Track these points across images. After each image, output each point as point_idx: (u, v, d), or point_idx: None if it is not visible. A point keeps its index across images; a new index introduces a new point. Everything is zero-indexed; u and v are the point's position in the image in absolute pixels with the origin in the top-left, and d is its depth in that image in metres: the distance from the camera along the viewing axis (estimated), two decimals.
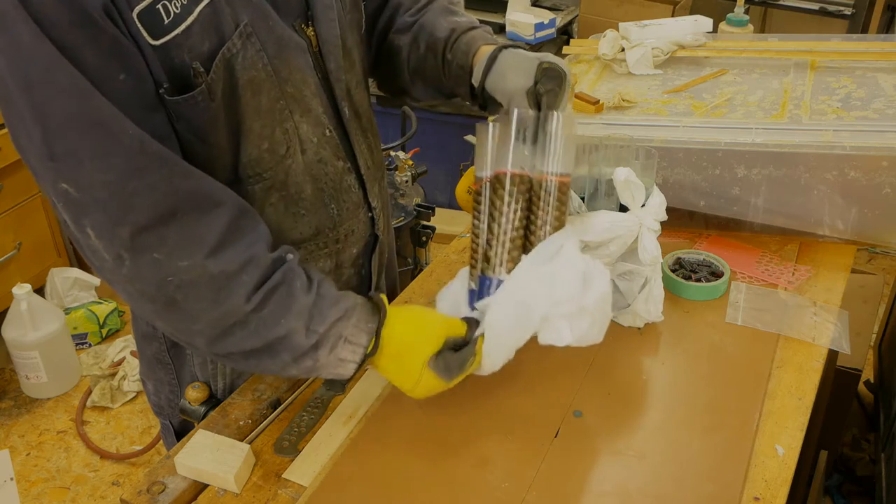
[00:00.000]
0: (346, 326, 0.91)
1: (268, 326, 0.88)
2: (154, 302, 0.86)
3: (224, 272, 0.85)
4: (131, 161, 0.80)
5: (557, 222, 0.99)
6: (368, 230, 1.16)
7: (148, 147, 0.81)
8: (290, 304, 0.88)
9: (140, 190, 0.81)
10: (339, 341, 0.91)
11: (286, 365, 0.91)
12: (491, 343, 0.95)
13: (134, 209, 0.81)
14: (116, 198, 0.80)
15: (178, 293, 0.85)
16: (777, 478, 0.93)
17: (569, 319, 0.95)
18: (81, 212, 0.81)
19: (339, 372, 0.93)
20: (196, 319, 0.87)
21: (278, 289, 0.88)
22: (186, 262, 0.84)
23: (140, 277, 0.84)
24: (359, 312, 0.92)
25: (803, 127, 1.23)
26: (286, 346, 0.89)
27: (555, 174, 0.98)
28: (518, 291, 0.96)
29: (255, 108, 0.93)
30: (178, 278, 0.84)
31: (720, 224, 1.35)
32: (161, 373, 1.15)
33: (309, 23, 0.98)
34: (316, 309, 0.90)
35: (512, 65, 1.06)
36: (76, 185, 0.80)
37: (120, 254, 0.83)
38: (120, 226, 0.81)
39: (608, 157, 1.14)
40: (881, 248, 2.22)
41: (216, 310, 0.86)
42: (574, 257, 0.97)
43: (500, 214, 0.98)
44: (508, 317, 0.95)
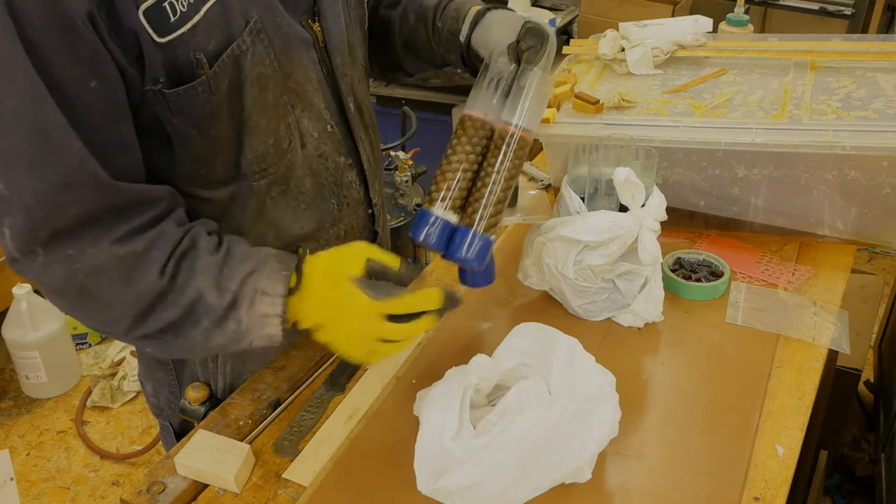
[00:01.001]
0: (259, 279, 0.88)
1: (179, 293, 0.87)
2: (65, 294, 0.86)
3: (132, 252, 0.85)
4: (66, 176, 0.80)
5: (510, 174, 0.99)
6: (368, 226, 1.16)
7: (87, 165, 0.81)
8: (195, 266, 0.87)
9: (69, 202, 0.81)
10: (256, 295, 0.88)
11: (209, 332, 0.89)
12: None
13: (58, 217, 0.82)
14: (43, 206, 0.81)
15: (89, 281, 0.84)
16: (777, 478, 0.93)
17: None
18: (4, 210, 0.81)
19: (266, 333, 0.89)
20: (111, 305, 0.86)
21: (187, 254, 0.88)
22: (93, 248, 0.83)
23: (49, 272, 0.84)
24: (271, 263, 0.90)
25: (803, 127, 1.23)
26: (203, 310, 0.88)
27: (518, 127, 0.99)
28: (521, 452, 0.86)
29: (262, 104, 0.93)
30: (85, 265, 0.83)
31: (720, 224, 1.35)
32: (160, 373, 1.15)
33: (315, 18, 0.99)
34: (226, 266, 0.88)
35: (497, 21, 1.07)
36: (6, 184, 0.80)
37: (34, 250, 0.83)
38: (39, 230, 0.82)
39: (608, 157, 1.14)
40: (881, 248, 2.22)
41: (130, 291, 0.85)
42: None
43: (454, 154, 0.99)
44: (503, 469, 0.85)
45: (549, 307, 1.20)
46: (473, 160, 1.00)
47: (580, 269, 1.11)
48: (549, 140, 1.32)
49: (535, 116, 1.00)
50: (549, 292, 1.20)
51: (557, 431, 0.85)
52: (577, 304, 1.15)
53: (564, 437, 0.86)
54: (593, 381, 0.89)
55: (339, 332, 0.91)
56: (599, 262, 1.09)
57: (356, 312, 0.89)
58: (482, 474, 0.83)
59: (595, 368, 0.91)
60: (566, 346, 0.92)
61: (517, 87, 1.00)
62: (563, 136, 1.30)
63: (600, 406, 0.89)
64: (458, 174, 0.99)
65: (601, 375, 0.91)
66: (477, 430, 0.88)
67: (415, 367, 1.09)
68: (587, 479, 0.89)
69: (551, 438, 0.85)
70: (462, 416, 0.87)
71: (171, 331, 0.89)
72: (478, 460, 0.83)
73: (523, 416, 0.85)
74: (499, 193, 0.99)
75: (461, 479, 0.84)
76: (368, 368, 1.10)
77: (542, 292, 1.21)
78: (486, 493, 0.84)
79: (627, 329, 1.15)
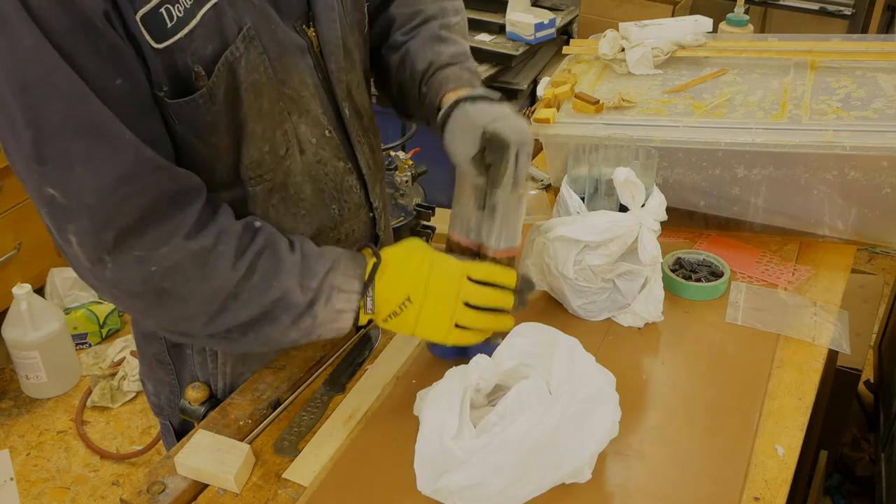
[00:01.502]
0: (336, 276, 0.92)
1: (261, 291, 0.88)
2: (143, 297, 0.86)
3: (203, 247, 0.86)
4: (124, 167, 0.80)
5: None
6: (370, 230, 1.16)
7: (142, 153, 0.82)
8: (278, 266, 0.89)
9: (130, 195, 0.81)
10: (332, 292, 0.92)
11: (286, 329, 0.91)
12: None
13: (121, 213, 0.82)
14: (106, 203, 0.81)
15: (165, 281, 0.85)
16: (777, 478, 0.93)
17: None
18: (66, 218, 0.81)
19: (337, 326, 0.93)
20: (188, 302, 0.87)
21: (263, 253, 0.89)
22: (166, 247, 0.84)
23: (124, 277, 0.84)
24: (345, 261, 0.94)
25: (803, 127, 1.23)
26: (284, 308, 0.90)
27: (499, 249, 0.99)
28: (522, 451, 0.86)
29: (257, 110, 0.93)
30: (161, 266, 0.84)
31: (720, 224, 1.35)
32: (161, 373, 1.15)
33: (310, 23, 0.98)
34: (305, 266, 0.91)
35: (459, 128, 0.99)
36: (64, 190, 0.80)
37: (102, 258, 0.83)
38: (105, 231, 0.82)
39: (608, 157, 1.14)
40: (881, 248, 2.22)
41: (206, 286, 0.86)
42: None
43: None
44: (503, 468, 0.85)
45: (549, 307, 1.20)
46: None
47: (580, 269, 1.11)
48: (549, 140, 1.32)
49: (514, 231, 0.99)
50: (549, 292, 1.20)
51: (558, 431, 0.85)
52: (577, 304, 1.15)
53: (565, 437, 0.86)
54: (593, 381, 0.89)
55: (428, 296, 0.93)
56: (599, 262, 1.09)
57: (444, 270, 0.93)
58: (482, 474, 0.83)
59: (595, 368, 0.91)
60: (566, 346, 0.92)
61: (489, 205, 0.98)
62: (563, 136, 1.30)
63: (600, 406, 0.89)
64: None
65: (601, 375, 0.91)
66: (477, 430, 0.88)
67: (415, 367, 1.09)
68: (587, 480, 0.89)
69: (552, 438, 0.85)
70: (462, 415, 0.87)
71: (247, 328, 0.91)
72: (478, 460, 0.83)
73: (523, 416, 0.85)
74: None
75: (461, 478, 0.84)
76: (368, 368, 1.10)
77: (542, 292, 1.21)
78: (487, 493, 0.84)
79: (627, 329, 1.15)
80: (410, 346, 1.13)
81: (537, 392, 0.89)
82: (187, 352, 1.12)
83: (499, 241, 0.99)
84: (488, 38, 3.11)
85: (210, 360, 1.11)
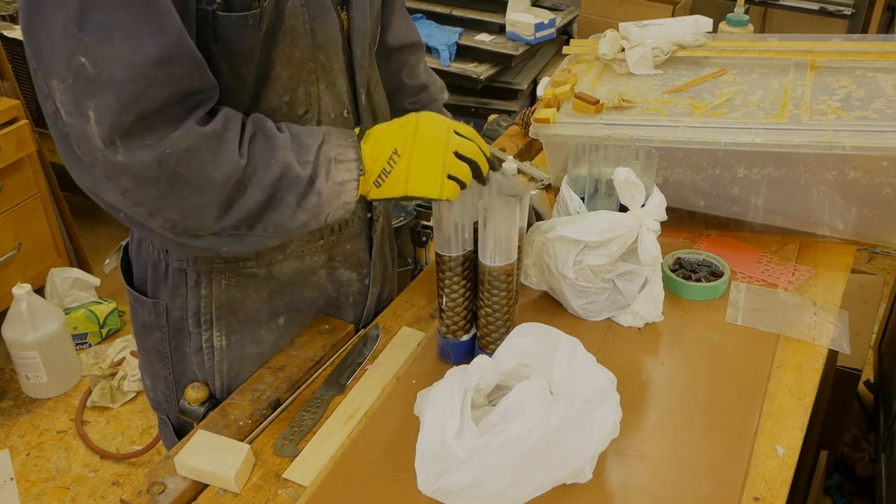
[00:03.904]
0: (330, 148, 0.93)
1: (262, 172, 0.89)
2: (157, 183, 0.85)
3: (215, 131, 0.86)
4: (164, 50, 0.80)
5: (506, 303, 1.02)
6: (365, 230, 1.16)
7: (184, 41, 0.81)
8: (271, 144, 0.90)
9: (161, 80, 0.81)
10: (330, 164, 0.93)
11: (293, 211, 0.92)
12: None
13: (147, 97, 0.80)
14: (136, 82, 0.79)
15: (180, 165, 0.84)
16: (777, 478, 0.93)
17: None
18: (91, 91, 0.79)
19: (343, 202, 0.94)
20: (202, 189, 0.87)
21: (256, 137, 0.90)
22: (179, 131, 0.83)
23: (137, 161, 0.83)
24: (336, 132, 0.95)
25: (803, 127, 1.23)
26: (287, 186, 0.90)
27: (494, 265, 1.00)
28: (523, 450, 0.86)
29: (288, 56, 0.95)
30: (176, 148, 0.83)
31: (720, 224, 1.35)
32: (159, 367, 1.16)
33: (344, 7, 1.02)
34: (296, 142, 0.92)
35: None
36: (96, 60, 0.78)
37: (114, 140, 0.81)
38: (127, 111, 0.80)
39: (608, 157, 1.14)
40: (881, 248, 2.22)
41: (218, 172, 0.86)
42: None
43: (449, 290, 1.04)
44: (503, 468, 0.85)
45: (549, 307, 1.20)
46: (466, 289, 1.05)
47: (580, 269, 1.11)
48: (549, 140, 1.32)
49: (507, 249, 1.00)
50: (549, 292, 1.20)
51: (559, 431, 0.85)
52: (577, 304, 1.15)
53: (566, 437, 0.86)
54: (594, 382, 0.89)
55: (416, 145, 0.94)
56: (599, 262, 1.09)
57: (431, 121, 0.95)
58: (483, 474, 0.83)
59: (596, 368, 0.91)
60: (567, 346, 0.92)
61: (482, 231, 0.99)
62: (563, 136, 1.30)
63: (601, 406, 0.89)
64: (458, 306, 1.05)
65: (602, 375, 0.91)
66: (478, 430, 0.88)
67: (415, 367, 1.10)
68: (588, 480, 0.89)
69: (553, 438, 0.85)
70: (463, 415, 0.87)
71: (254, 220, 0.91)
72: (479, 460, 0.83)
73: (524, 416, 0.85)
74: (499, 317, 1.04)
75: (462, 478, 0.84)
76: (368, 368, 1.10)
77: (542, 292, 1.21)
78: (487, 493, 0.84)
79: (627, 329, 1.15)
80: (410, 346, 1.13)
81: (538, 392, 0.89)
82: (185, 348, 1.12)
83: (493, 260, 1.00)
84: (488, 38, 3.11)
85: (207, 358, 1.11)
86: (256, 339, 1.12)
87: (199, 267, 1.06)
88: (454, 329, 1.07)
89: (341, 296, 1.18)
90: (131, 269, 1.15)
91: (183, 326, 1.10)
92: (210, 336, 1.10)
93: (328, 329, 1.15)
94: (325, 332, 1.15)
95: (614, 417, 0.90)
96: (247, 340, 1.12)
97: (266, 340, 1.13)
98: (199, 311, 1.08)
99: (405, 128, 0.95)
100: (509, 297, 1.02)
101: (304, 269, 1.11)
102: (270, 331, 1.13)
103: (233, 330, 1.11)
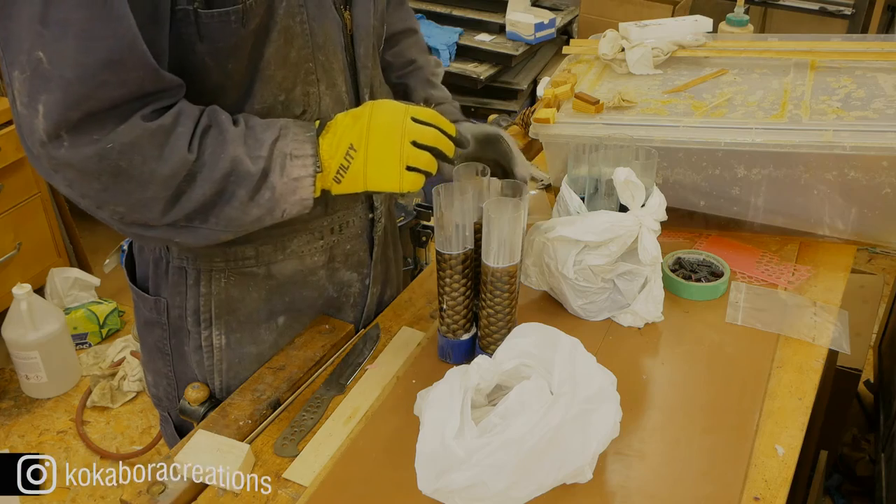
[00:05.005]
0: (286, 143, 0.91)
1: (212, 167, 0.88)
2: (100, 176, 0.85)
3: (161, 126, 0.85)
4: (113, 52, 0.80)
5: (509, 304, 1.02)
6: (367, 230, 1.16)
7: (136, 46, 0.81)
8: (223, 138, 0.89)
9: (110, 83, 0.81)
10: (286, 160, 0.91)
11: (245, 205, 0.90)
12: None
13: (93, 98, 0.81)
14: (83, 82, 0.80)
15: (122, 159, 0.84)
16: (777, 478, 0.93)
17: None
18: (43, 86, 0.80)
19: (299, 198, 0.92)
20: (147, 184, 0.86)
21: (209, 130, 0.89)
22: (123, 125, 0.83)
23: (79, 155, 0.83)
24: (293, 128, 0.92)
25: (803, 127, 1.23)
26: (237, 181, 0.89)
27: (497, 266, 0.99)
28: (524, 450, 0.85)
29: (282, 57, 0.95)
30: (118, 143, 0.83)
31: (720, 224, 1.35)
32: (160, 363, 1.16)
33: (347, 7, 1.02)
34: (250, 136, 0.90)
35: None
36: (51, 56, 0.79)
37: (60, 134, 0.82)
38: (73, 110, 0.81)
39: (608, 157, 1.14)
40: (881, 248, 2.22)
41: (163, 167, 0.86)
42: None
43: (450, 289, 1.04)
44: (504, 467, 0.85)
45: (549, 307, 1.20)
46: (466, 288, 1.05)
47: (580, 269, 1.11)
48: (549, 140, 1.32)
49: (509, 251, 0.99)
50: (549, 292, 1.20)
51: (559, 431, 0.85)
52: (577, 304, 1.15)
53: (566, 437, 0.86)
54: (595, 382, 0.89)
55: (371, 136, 0.91)
56: (599, 262, 1.09)
57: (386, 109, 0.92)
58: (483, 474, 0.83)
59: (596, 368, 0.91)
60: (567, 346, 0.92)
61: (485, 227, 0.99)
62: (563, 136, 1.30)
63: (602, 406, 0.89)
64: (458, 304, 1.05)
65: (602, 375, 0.91)
66: (478, 430, 0.88)
67: (415, 367, 1.09)
68: (588, 480, 0.89)
69: (553, 438, 0.85)
70: (464, 415, 0.87)
71: (204, 213, 0.89)
72: (479, 459, 0.83)
73: (525, 416, 0.85)
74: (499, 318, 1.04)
75: (462, 478, 0.84)
76: (368, 368, 1.10)
77: (542, 292, 1.21)
78: (488, 493, 0.84)
79: (627, 329, 1.15)
80: (410, 346, 1.13)
81: (538, 392, 0.89)
82: (185, 346, 1.12)
83: (496, 261, 0.99)
84: (488, 38, 3.11)
85: (206, 356, 1.11)
86: (256, 338, 1.12)
87: (200, 265, 1.06)
88: (454, 328, 1.07)
89: (342, 296, 1.18)
90: (135, 266, 1.16)
91: (182, 325, 1.11)
92: (209, 335, 1.10)
93: (328, 329, 1.15)
94: (325, 332, 1.15)
95: (614, 417, 0.90)
96: (246, 340, 1.12)
97: (265, 340, 1.13)
98: (199, 310, 1.09)
99: (360, 120, 0.92)
100: (511, 298, 1.02)
101: (303, 269, 1.11)
102: (270, 330, 1.13)
103: (232, 329, 1.11)
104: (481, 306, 1.04)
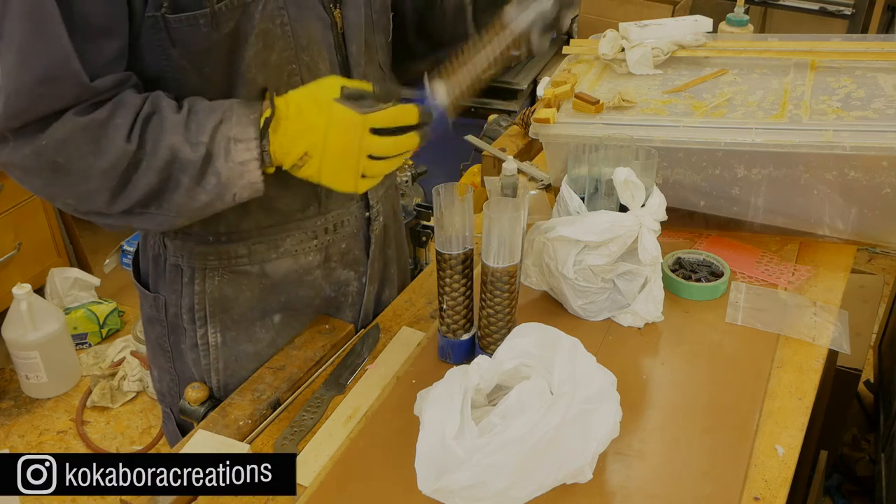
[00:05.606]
0: (229, 127, 0.90)
1: (152, 155, 0.88)
2: (40, 173, 0.88)
3: (95, 120, 0.86)
4: (49, 69, 0.82)
5: (509, 304, 1.02)
6: (363, 228, 1.16)
7: (71, 63, 0.83)
8: (163, 126, 0.89)
9: (46, 97, 0.83)
10: (229, 144, 0.89)
11: (191, 192, 0.90)
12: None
13: (31, 111, 0.84)
14: (21, 97, 0.83)
15: (58, 155, 0.86)
16: (777, 478, 0.93)
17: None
18: None
19: (248, 181, 0.91)
20: (87, 177, 0.87)
21: (151, 119, 0.89)
22: (56, 122, 0.85)
23: (19, 154, 0.86)
24: (237, 110, 0.91)
25: (803, 127, 1.23)
26: (179, 169, 0.88)
27: (497, 266, 0.99)
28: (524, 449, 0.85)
29: (262, 61, 0.94)
30: (52, 139, 0.85)
31: (720, 224, 1.35)
32: (162, 359, 1.17)
33: (337, 5, 1.01)
34: (192, 121, 0.90)
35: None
36: (2, 68, 0.82)
37: (5, 136, 0.85)
38: (13, 120, 0.84)
39: (608, 157, 1.14)
40: (881, 248, 2.22)
41: (101, 160, 0.86)
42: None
43: (450, 289, 1.04)
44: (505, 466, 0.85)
45: (549, 307, 1.20)
46: (464, 288, 1.04)
47: (580, 269, 1.11)
48: (549, 140, 1.32)
49: (509, 251, 0.99)
50: (549, 292, 1.20)
51: (559, 431, 0.85)
52: (577, 304, 1.15)
53: (566, 437, 0.86)
54: (595, 382, 0.89)
55: (326, 153, 0.90)
56: (599, 262, 1.09)
57: (342, 127, 0.90)
58: (483, 474, 0.83)
59: (596, 368, 0.91)
60: (568, 346, 0.92)
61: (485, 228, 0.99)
62: (563, 136, 1.29)
63: (602, 406, 0.89)
64: (457, 304, 1.05)
65: (603, 375, 0.91)
66: (478, 431, 0.88)
67: (415, 367, 1.10)
68: (588, 480, 0.89)
69: (553, 438, 0.85)
70: (464, 415, 0.87)
71: (153, 200, 0.90)
72: (479, 460, 0.83)
73: (525, 416, 0.85)
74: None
75: (462, 478, 0.84)
76: (369, 368, 1.10)
77: (542, 292, 1.21)
78: (488, 493, 0.84)
79: (627, 329, 1.15)
80: (410, 346, 1.13)
81: (538, 392, 0.89)
82: (182, 345, 1.13)
83: (497, 261, 0.98)
84: None
85: (203, 354, 1.12)
86: (251, 336, 1.12)
87: (194, 263, 1.06)
88: (454, 328, 1.07)
89: (340, 296, 1.18)
90: (139, 263, 1.16)
91: (179, 322, 1.11)
92: (205, 333, 1.10)
93: (328, 329, 1.15)
94: (325, 332, 1.15)
95: (614, 417, 0.90)
96: (241, 338, 1.12)
97: (262, 339, 1.13)
98: (193, 308, 1.09)
99: (314, 132, 0.90)
100: (511, 298, 1.02)
101: (298, 268, 1.11)
102: (265, 329, 1.13)
103: (227, 327, 1.11)
104: (482, 307, 1.04)
